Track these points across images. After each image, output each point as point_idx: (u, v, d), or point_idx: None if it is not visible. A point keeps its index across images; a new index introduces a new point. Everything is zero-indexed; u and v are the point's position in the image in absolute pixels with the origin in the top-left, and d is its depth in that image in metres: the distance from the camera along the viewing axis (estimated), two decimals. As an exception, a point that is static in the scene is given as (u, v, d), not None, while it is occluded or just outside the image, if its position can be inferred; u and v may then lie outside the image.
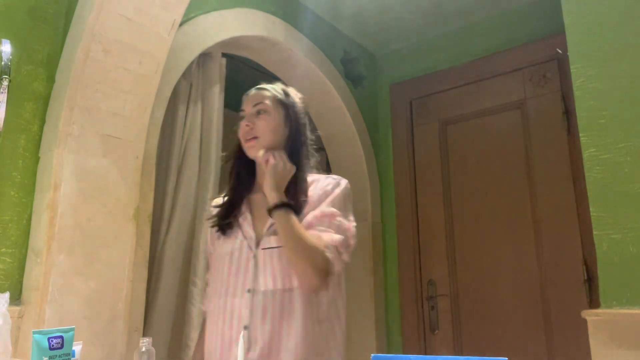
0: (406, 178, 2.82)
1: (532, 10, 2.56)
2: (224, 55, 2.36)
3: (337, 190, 1.20)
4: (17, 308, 1.44)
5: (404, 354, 0.90)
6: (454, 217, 2.64)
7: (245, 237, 1.18)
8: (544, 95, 2.46)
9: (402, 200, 2.80)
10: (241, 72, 2.84)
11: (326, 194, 1.19)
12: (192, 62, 2.12)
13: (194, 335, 1.97)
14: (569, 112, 2.33)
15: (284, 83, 1.33)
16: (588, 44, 1.40)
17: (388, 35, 2.94)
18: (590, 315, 1.25)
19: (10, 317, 1.17)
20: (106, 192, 1.61)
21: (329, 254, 1.09)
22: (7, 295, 1.15)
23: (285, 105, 1.25)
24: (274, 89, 1.26)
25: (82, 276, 1.51)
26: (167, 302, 2.02)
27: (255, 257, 1.15)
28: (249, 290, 1.12)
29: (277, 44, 2.43)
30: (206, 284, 1.32)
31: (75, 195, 1.53)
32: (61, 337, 0.98)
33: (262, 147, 1.20)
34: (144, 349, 1.07)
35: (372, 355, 0.46)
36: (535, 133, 2.45)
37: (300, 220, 1.13)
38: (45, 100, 1.61)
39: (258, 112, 1.22)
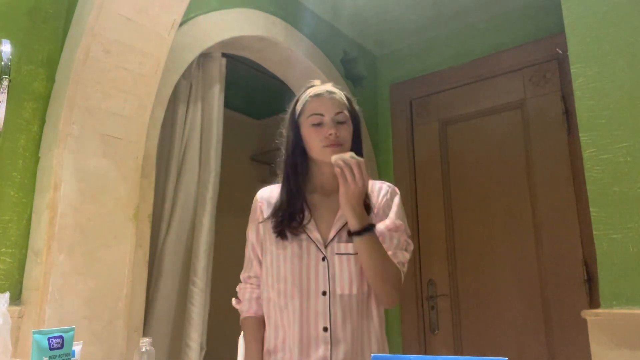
0: (406, 178, 2.82)
1: (532, 10, 2.56)
2: (224, 55, 2.36)
3: (397, 200, 1.27)
4: (17, 308, 1.44)
5: (404, 354, 0.91)
6: (454, 217, 2.64)
7: (311, 238, 1.19)
8: (544, 95, 2.46)
9: (402, 200, 2.79)
10: (241, 72, 2.84)
11: (388, 204, 1.24)
12: (192, 62, 2.12)
13: (194, 335, 1.97)
14: (569, 112, 2.33)
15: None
16: (588, 44, 1.40)
17: (388, 35, 2.94)
18: (590, 315, 1.25)
19: (10, 317, 1.17)
20: (106, 192, 1.61)
21: (401, 273, 1.17)
22: (7, 295, 1.15)
23: (353, 116, 1.26)
24: (342, 97, 1.26)
25: (82, 276, 1.51)
26: (167, 302, 2.02)
27: (325, 259, 1.17)
28: (324, 293, 1.14)
29: (277, 44, 2.43)
30: (251, 282, 1.27)
31: (75, 195, 1.53)
32: (61, 337, 0.98)
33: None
34: (144, 349, 1.07)
35: (372, 355, 0.46)
36: (535, 133, 2.45)
37: None
38: (45, 100, 1.61)
39: (340, 122, 1.20)
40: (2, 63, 1.44)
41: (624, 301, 1.23)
